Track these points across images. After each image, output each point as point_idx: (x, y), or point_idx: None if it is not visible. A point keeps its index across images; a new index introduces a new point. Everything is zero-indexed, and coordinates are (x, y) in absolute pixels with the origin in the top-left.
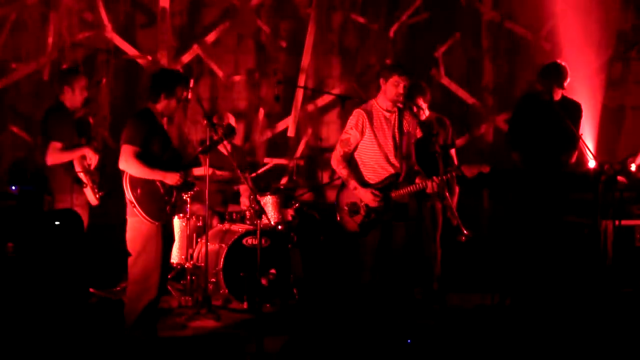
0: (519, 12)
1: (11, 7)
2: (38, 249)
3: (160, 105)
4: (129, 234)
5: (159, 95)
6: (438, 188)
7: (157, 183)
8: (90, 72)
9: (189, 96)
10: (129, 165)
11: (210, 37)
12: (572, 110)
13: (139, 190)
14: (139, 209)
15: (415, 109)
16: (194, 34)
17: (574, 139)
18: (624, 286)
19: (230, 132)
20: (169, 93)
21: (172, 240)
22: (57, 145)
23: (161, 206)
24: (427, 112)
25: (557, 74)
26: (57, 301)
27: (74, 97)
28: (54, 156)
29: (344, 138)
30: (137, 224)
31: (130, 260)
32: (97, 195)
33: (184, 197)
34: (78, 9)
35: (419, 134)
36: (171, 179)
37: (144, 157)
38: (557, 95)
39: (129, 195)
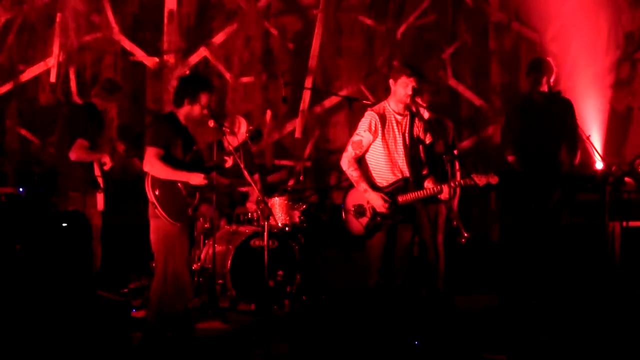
0: (525, 13)
1: (18, 9)
2: (45, 251)
3: (184, 111)
4: (153, 236)
5: (182, 100)
6: (449, 196)
7: (179, 185)
8: (97, 74)
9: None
10: (152, 167)
11: (218, 39)
12: (563, 107)
13: (160, 192)
14: (161, 210)
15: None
16: (201, 36)
17: (572, 138)
18: (633, 288)
19: (257, 135)
20: (192, 99)
21: (192, 242)
22: (84, 143)
23: (183, 207)
24: (425, 114)
25: (543, 68)
26: (64, 303)
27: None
28: (79, 153)
29: (356, 140)
30: (160, 226)
31: (157, 262)
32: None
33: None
34: (85, 11)
35: (429, 138)
36: (195, 179)
37: (167, 159)
38: (545, 92)
39: (151, 196)
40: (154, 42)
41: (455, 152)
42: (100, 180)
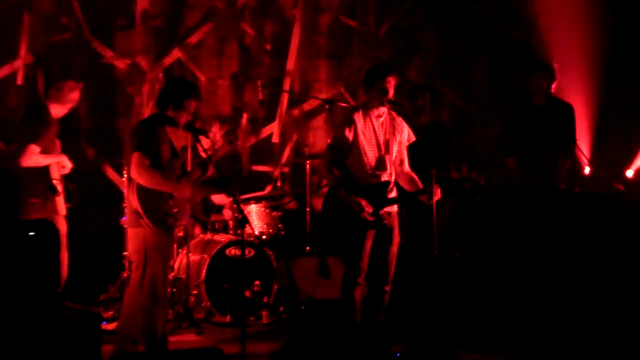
0: (512, 12)
1: None
2: (11, 260)
3: (169, 115)
4: (134, 245)
5: (167, 107)
6: (433, 199)
7: (165, 194)
8: (66, 76)
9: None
10: (140, 174)
11: (192, 40)
12: (563, 112)
13: (146, 200)
14: (146, 219)
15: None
16: (175, 37)
17: (570, 144)
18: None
19: (233, 139)
20: (177, 106)
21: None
22: (35, 148)
23: (167, 216)
24: (427, 105)
25: (547, 73)
26: (30, 316)
27: (60, 105)
28: (31, 159)
29: (334, 143)
30: (143, 234)
31: (135, 272)
32: (66, 206)
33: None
34: (54, 11)
35: (412, 138)
36: (182, 191)
37: (154, 166)
38: (546, 96)
39: (135, 204)
40: (125, 43)
41: (452, 159)
42: (58, 184)
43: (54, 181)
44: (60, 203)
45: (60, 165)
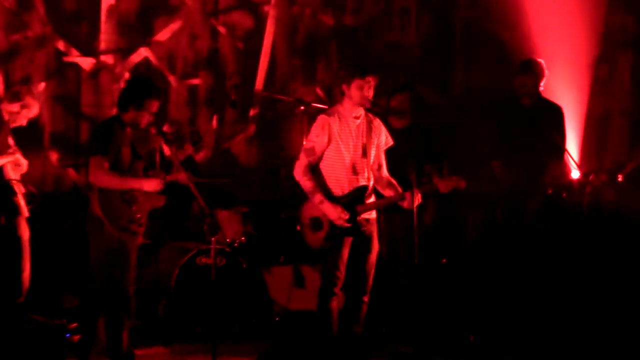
0: (496, 9)
1: None
2: None
3: (129, 116)
4: (96, 253)
5: (126, 107)
6: (412, 204)
7: (126, 197)
8: (29, 76)
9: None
10: (98, 178)
11: (160, 38)
12: (552, 114)
13: (108, 206)
14: (108, 225)
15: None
16: (142, 34)
17: (558, 147)
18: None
19: (197, 139)
20: (138, 106)
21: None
22: None
23: (130, 222)
24: (408, 106)
25: (534, 71)
26: None
27: (16, 106)
28: None
29: (309, 147)
30: (105, 241)
31: (98, 281)
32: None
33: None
34: (15, 8)
35: (390, 142)
36: (150, 185)
37: (114, 169)
38: (533, 96)
39: (97, 210)
40: (90, 41)
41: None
42: (16, 184)
43: (12, 182)
44: (22, 204)
45: (14, 164)
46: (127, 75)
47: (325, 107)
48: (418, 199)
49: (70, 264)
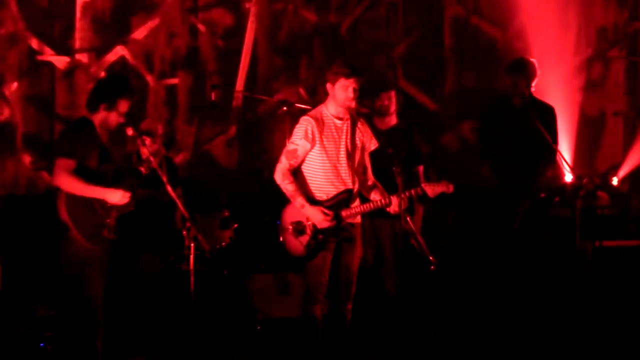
0: (486, 6)
1: None
2: None
3: (99, 117)
4: (66, 261)
5: (97, 106)
6: (398, 208)
7: (96, 203)
8: (0, 75)
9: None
10: (63, 182)
11: (137, 36)
12: (544, 115)
13: (75, 211)
14: (75, 232)
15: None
16: (118, 32)
17: (550, 150)
18: (606, 313)
19: (170, 142)
20: (110, 105)
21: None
22: None
23: (99, 229)
24: (394, 107)
25: (524, 70)
26: None
27: None
28: None
29: (291, 149)
30: (73, 249)
31: (70, 290)
32: None
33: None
34: None
35: (375, 144)
36: (114, 196)
37: (80, 173)
38: (524, 96)
39: (63, 215)
40: (64, 39)
41: (422, 166)
42: None
43: None
44: None
45: None
46: (102, 74)
47: (308, 107)
48: (405, 204)
49: (43, 271)
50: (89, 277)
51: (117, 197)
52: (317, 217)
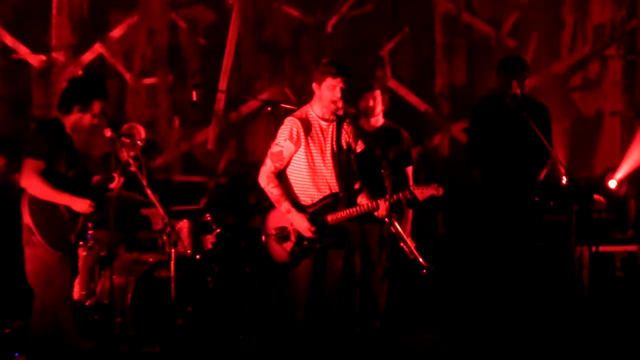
0: (478, 3)
1: None
2: None
3: (72, 118)
4: (30, 266)
5: (71, 107)
6: (386, 212)
7: (62, 207)
8: None
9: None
10: (31, 183)
11: (116, 33)
12: (537, 115)
13: (39, 215)
14: (39, 237)
15: (355, 111)
16: (96, 30)
17: (544, 152)
18: (603, 321)
19: (151, 147)
20: (84, 106)
21: (75, 273)
22: None
23: (65, 234)
24: (380, 121)
25: (517, 69)
26: None
27: None
28: None
29: (276, 151)
30: (37, 255)
31: (36, 297)
32: None
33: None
34: None
35: (361, 146)
36: (80, 205)
37: (49, 175)
38: (517, 96)
39: (27, 219)
40: (40, 37)
41: (410, 168)
42: None
43: None
44: None
45: None
46: (80, 73)
47: (293, 107)
48: (392, 208)
49: (15, 278)
50: (53, 283)
51: (83, 206)
52: (302, 223)
